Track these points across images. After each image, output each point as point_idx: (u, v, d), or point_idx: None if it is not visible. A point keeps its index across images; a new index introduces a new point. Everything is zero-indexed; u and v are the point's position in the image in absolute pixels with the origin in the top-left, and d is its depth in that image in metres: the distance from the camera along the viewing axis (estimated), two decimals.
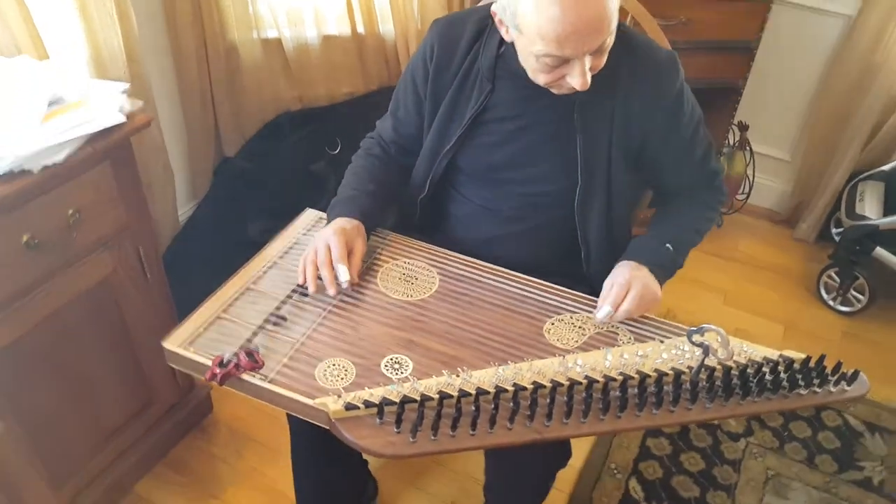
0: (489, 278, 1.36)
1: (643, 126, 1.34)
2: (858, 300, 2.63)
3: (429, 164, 1.47)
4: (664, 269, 1.37)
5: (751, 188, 3.06)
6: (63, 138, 1.34)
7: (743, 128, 2.93)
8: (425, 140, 1.47)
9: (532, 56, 1.19)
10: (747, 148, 2.96)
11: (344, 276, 1.26)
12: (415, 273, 1.36)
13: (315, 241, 1.30)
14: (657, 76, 1.32)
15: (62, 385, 1.56)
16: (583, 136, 1.34)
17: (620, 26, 1.32)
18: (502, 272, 1.37)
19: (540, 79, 1.23)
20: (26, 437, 1.50)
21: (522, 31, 1.17)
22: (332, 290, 1.25)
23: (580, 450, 2.05)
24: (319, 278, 1.26)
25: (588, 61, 1.17)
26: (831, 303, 2.70)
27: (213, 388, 1.09)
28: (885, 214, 2.50)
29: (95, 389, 1.66)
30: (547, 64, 1.18)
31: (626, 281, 1.29)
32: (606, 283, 1.32)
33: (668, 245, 1.39)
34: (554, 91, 1.25)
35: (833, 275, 2.68)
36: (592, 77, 1.23)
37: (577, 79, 1.18)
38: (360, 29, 2.49)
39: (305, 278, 1.27)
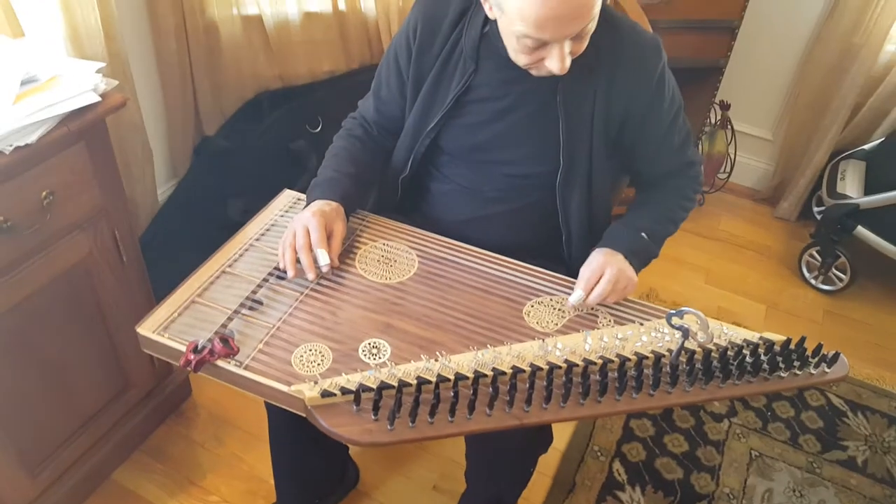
0: (469, 260, 1.35)
1: (623, 108, 1.33)
2: (840, 279, 2.64)
3: (411, 144, 1.45)
4: (639, 257, 1.37)
5: (732, 167, 3.06)
6: (35, 119, 1.31)
7: (725, 107, 2.93)
8: (408, 120, 1.45)
9: (512, 36, 1.17)
10: (729, 127, 2.96)
11: (324, 260, 1.24)
12: (394, 255, 1.35)
13: (293, 223, 1.28)
14: (640, 59, 1.31)
15: (36, 370, 1.54)
16: (565, 117, 1.32)
17: (605, 9, 1.30)
18: (482, 254, 1.36)
19: (520, 59, 1.21)
20: None
21: (504, 10, 1.15)
22: (311, 275, 1.23)
23: (563, 432, 2.06)
24: (298, 262, 1.25)
25: (568, 46, 1.15)
26: (813, 281, 2.72)
27: (190, 372, 1.08)
28: (866, 193, 2.51)
29: (71, 374, 1.64)
30: (527, 45, 1.16)
31: (598, 266, 1.29)
32: (583, 269, 1.31)
33: (643, 234, 1.38)
34: (533, 73, 1.24)
35: (815, 253, 2.69)
36: (576, 60, 1.22)
37: (556, 63, 1.16)
38: (342, 6, 2.45)
39: (284, 262, 1.25)
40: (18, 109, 1.31)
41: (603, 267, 1.28)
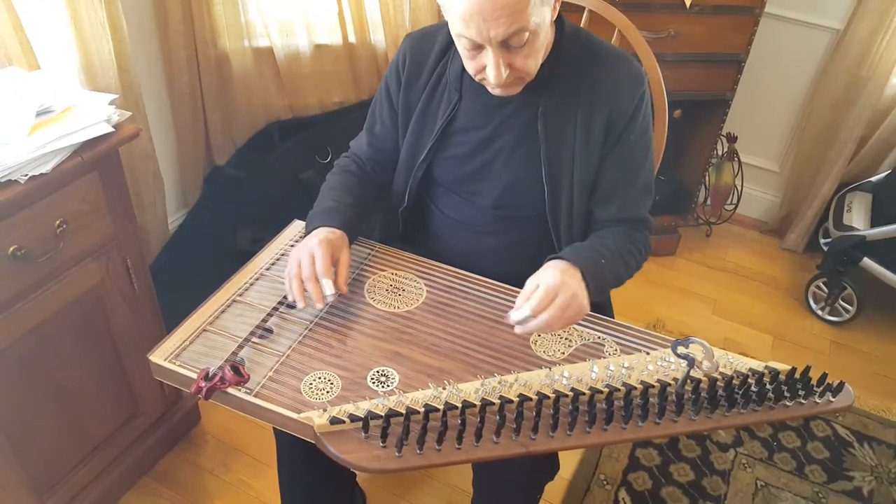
0: (477, 290, 1.36)
1: (603, 127, 1.33)
2: (847, 310, 2.64)
3: (406, 176, 1.47)
4: (597, 281, 1.25)
5: (739, 198, 3.07)
6: (50, 149, 1.34)
7: (731, 139, 2.95)
8: (401, 152, 1.48)
9: (455, 39, 1.20)
10: (735, 158, 2.97)
11: (329, 289, 1.22)
12: (402, 284, 1.36)
13: (297, 252, 1.27)
14: (621, 80, 1.32)
15: (47, 396, 1.56)
16: (546, 143, 1.33)
17: (590, 38, 1.34)
18: (490, 283, 1.37)
19: (468, 67, 1.23)
20: (10, 448, 1.49)
21: (445, 10, 1.17)
22: (319, 305, 1.23)
23: (569, 461, 2.05)
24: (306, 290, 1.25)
25: (502, 55, 1.16)
26: (820, 313, 2.72)
27: (200, 399, 1.10)
28: (873, 225, 2.52)
29: (81, 400, 1.65)
30: (465, 48, 1.19)
31: (554, 285, 1.17)
32: (531, 282, 1.21)
33: (602, 260, 1.29)
34: (489, 89, 1.26)
35: (821, 285, 2.69)
36: (556, 84, 1.26)
37: (492, 70, 1.18)
38: (352, 38, 2.49)
39: (293, 294, 1.24)
40: (33, 140, 1.33)
41: (557, 287, 1.17)
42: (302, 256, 1.25)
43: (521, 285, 1.33)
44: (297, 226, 1.50)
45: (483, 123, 1.37)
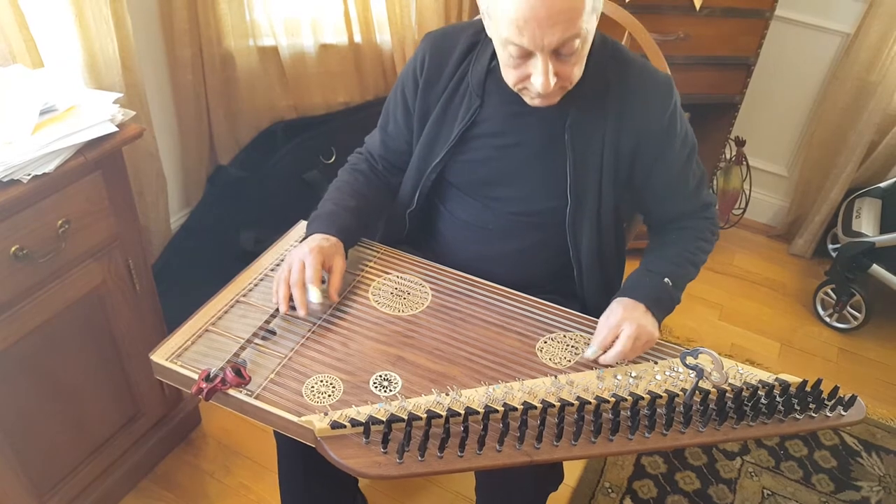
0: (482, 294, 1.34)
1: (633, 146, 1.32)
2: (855, 317, 2.62)
3: (416, 178, 1.45)
4: (663, 306, 1.31)
5: (747, 203, 3.05)
6: (53, 148, 1.33)
7: (740, 143, 2.93)
8: (414, 154, 1.45)
9: (500, 46, 1.17)
10: (744, 163, 2.95)
11: (314, 297, 1.22)
12: (407, 288, 1.35)
13: (290, 258, 1.27)
14: (649, 98, 1.30)
15: (48, 396, 1.54)
16: (573, 155, 1.31)
17: (615, 47, 1.31)
18: (496, 288, 1.36)
19: (509, 76, 1.20)
20: (10, 449, 1.48)
21: (492, 16, 1.15)
22: (302, 312, 1.22)
23: (574, 468, 2.03)
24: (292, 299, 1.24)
25: (551, 63, 1.14)
26: (828, 319, 2.70)
27: (201, 400, 1.09)
28: (882, 232, 2.50)
29: (82, 401, 1.64)
30: (512, 56, 1.16)
31: (617, 321, 1.23)
32: (600, 321, 1.27)
33: (666, 279, 1.33)
34: (527, 100, 1.24)
35: (829, 291, 2.67)
36: (584, 95, 1.24)
37: (539, 77, 1.14)
38: (357, 38, 2.48)
39: (277, 298, 1.24)
40: (37, 139, 1.32)
41: (621, 322, 1.22)
42: (293, 262, 1.25)
43: (535, 290, 1.36)
44: (303, 227, 1.48)
45: (505, 130, 1.35)
